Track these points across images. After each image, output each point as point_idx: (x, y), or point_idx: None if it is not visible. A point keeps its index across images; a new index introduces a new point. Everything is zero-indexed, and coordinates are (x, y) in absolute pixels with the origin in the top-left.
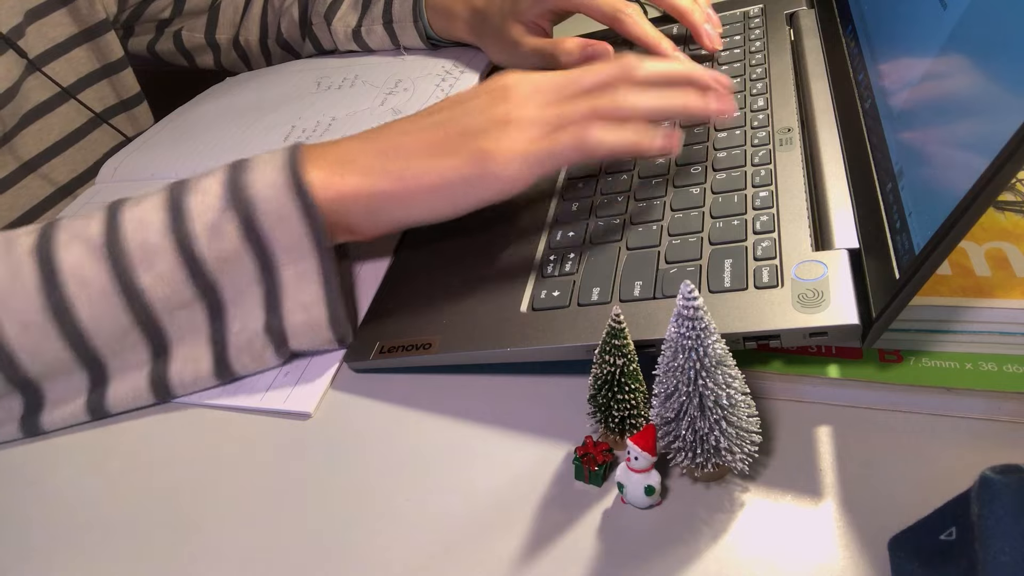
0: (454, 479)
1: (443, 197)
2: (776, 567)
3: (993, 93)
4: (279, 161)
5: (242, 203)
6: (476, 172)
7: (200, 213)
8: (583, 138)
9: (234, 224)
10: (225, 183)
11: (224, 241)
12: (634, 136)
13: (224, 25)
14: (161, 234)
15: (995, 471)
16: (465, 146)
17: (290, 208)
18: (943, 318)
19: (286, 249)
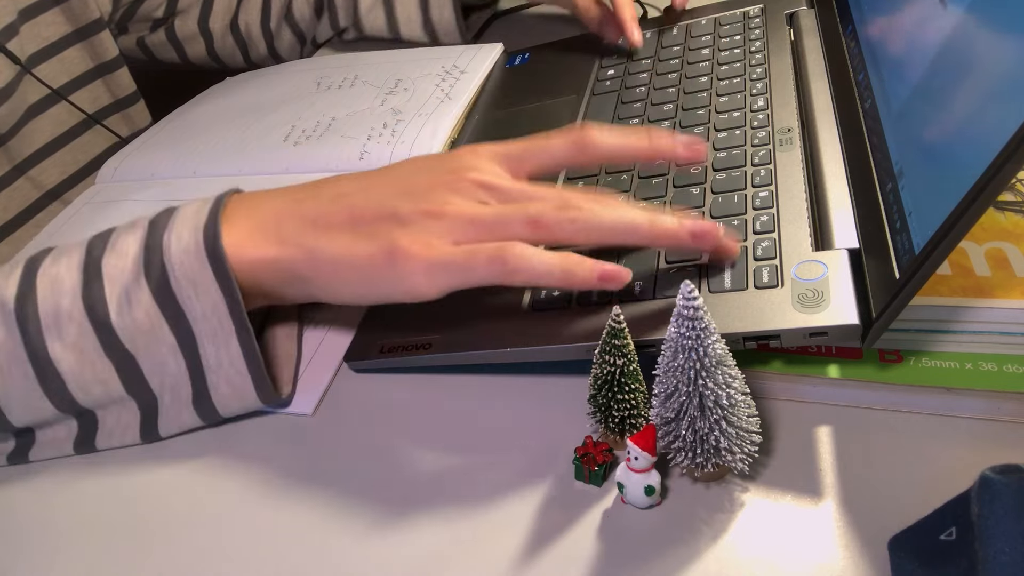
0: (454, 479)
1: (348, 284)
2: (776, 567)
3: (993, 93)
4: (200, 220)
5: (155, 268)
6: (383, 268)
7: (113, 278)
8: (501, 259)
9: (147, 292)
10: (142, 243)
11: (136, 310)
12: (561, 262)
13: (219, 12)
14: (72, 299)
15: (995, 471)
16: (385, 234)
17: (203, 274)
18: (943, 318)
19: (202, 320)
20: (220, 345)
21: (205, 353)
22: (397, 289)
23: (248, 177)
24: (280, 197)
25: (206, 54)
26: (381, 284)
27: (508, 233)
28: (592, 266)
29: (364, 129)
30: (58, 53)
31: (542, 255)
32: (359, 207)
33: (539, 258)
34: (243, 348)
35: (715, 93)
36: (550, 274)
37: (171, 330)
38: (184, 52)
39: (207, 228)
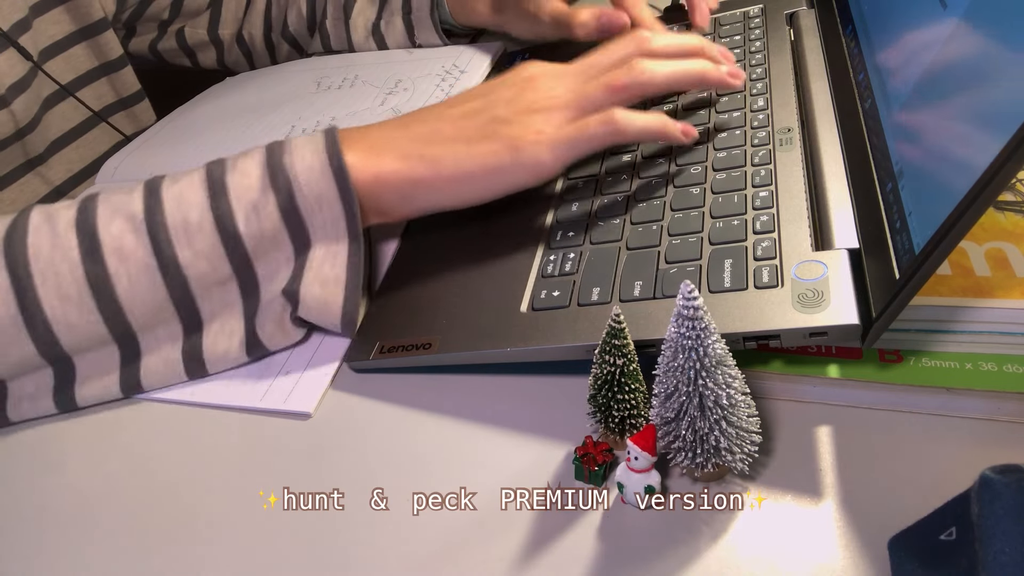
0: (454, 479)
1: (476, 184)
2: (776, 567)
3: (993, 93)
4: (318, 144)
5: (281, 184)
6: (509, 160)
7: (240, 193)
8: (610, 121)
9: (273, 205)
10: (264, 164)
11: (263, 221)
12: (658, 118)
13: (227, 20)
14: (201, 211)
15: (995, 471)
16: (497, 133)
17: (329, 191)
18: (943, 318)
19: (321, 229)
20: (330, 250)
21: (313, 255)
22: (524, 174)
23: None
24: (385, 125)
25: (216, 62)
26: (508, 174)
27: (596, 105)
28: (679, 125)
29: None
30: (64, 51)
31: (642, 116)
32: (462, 120)
33: (640, 117)
34: (349, 257)
35: (715, 93)
36: (650, 128)
37: (290, 238)
38: (196, 58)
39: (330, 148)
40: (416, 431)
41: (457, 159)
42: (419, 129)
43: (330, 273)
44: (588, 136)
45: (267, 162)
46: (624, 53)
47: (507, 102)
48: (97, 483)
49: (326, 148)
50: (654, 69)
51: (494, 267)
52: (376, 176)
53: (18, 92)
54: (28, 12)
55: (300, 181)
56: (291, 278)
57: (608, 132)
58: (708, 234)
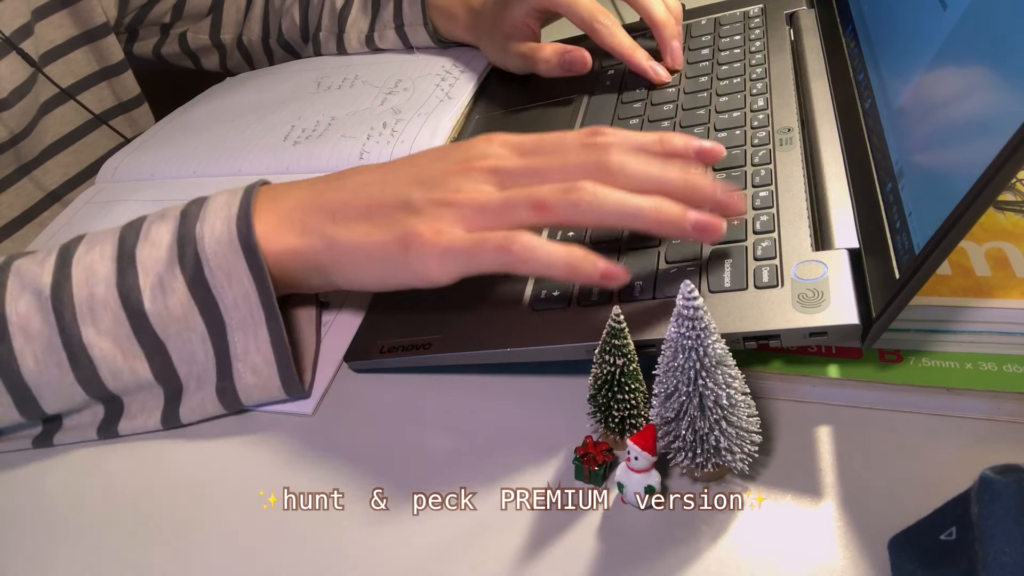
0: (454, 479)
1: (366, 270)
2: (776, 567)
3: (993, 93)
4: (232, 211)
5: (189, 258)
6: (397, 256)
7: (148, 267)
8: (507, 248)
9: (181, 280)
10: (175, 233)
11: (170, 298)
12: (566, 255)
13: (228, 25)
14: (107, 287)
15: (995, 471)
16: (400, 223)
17: (239, 266)
18: (943, 318)
19: (233, 308)
20: (249, 334)
21: (233, 341)
22: (410, 275)
23: (248, 177)
24: (304, 188)
25: (218, 66)
26: (396, 270)
27: (515, 217)
28: (595, 262)
29: (364, 128)
30: (64, 55)
31: (548, 247)
32: (376, 197)
33: (544, 249)
34: (271, 336)
35: (715, 93)
36: (554, 266)
37: (202, 318)
38: (199, 61)
39: (240, 220)
40: (416, 431)
41: (351, 242)
42: (336, 198)
43: (257, 357)
44: (479, 257)
45: (179, 231)
46: (579, 163)
47: (431, 186)
48: (97, 483)
49: (237, 218)
50: (595, 197)
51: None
52: (280, 250)
53: (19, 97)
54: (30, 17)
55: (208, 254)
56: (219, 374)
57: (502, 261)
58: None
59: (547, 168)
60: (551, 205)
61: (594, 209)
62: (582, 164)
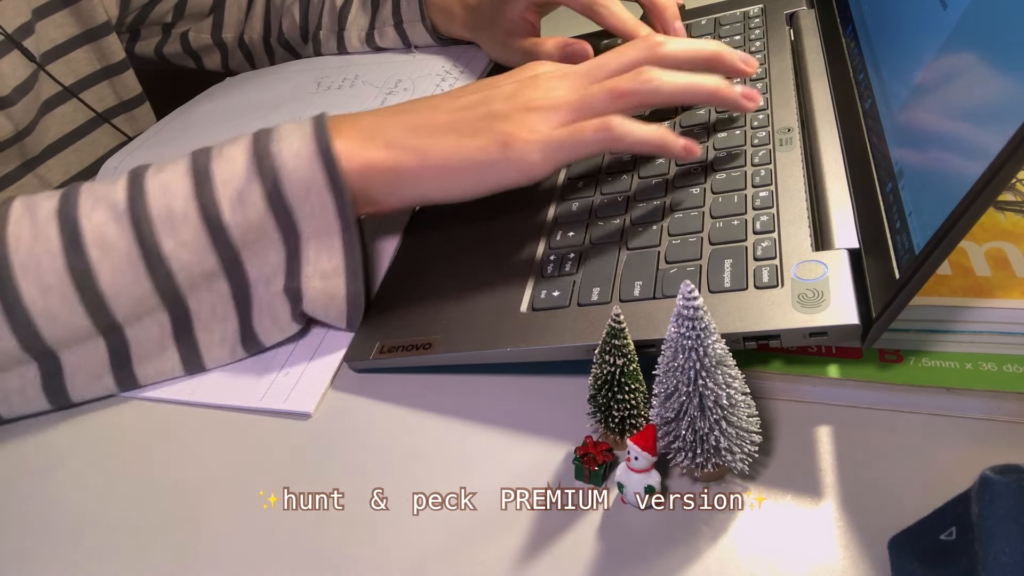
0: (454, 479)
1: (463, 178)
2: (776, 567)
3: (993, 93)
4: (306, 130)
5: (268, 172)
6: (498, 156)
7: (225, 181)
8: (606, 127)
9: (259, 193)
10: (250, 151)
11: (249, 209)
12: (658, 131)
13: (230, 24)
14: (185, 200)
15: (995, 471)
16: (490, 129)
17: (317, 178)
18: (943, 318)
19: (310, 218)
20: (323, 243)
21: (306, 249)
22: (512, 172)
23: None
24: (377, 113)
25: (220, 65)
26: (496, 171)
27: (596, 109)
28: (680, 140)
29: None
30: (66, 54)
31: (641, 126)
32: (457, 112)
33: (639, 128)
34: (344, 246)
35: None
36: (648, 140)
37: (278, 228)
38: (201, 61)
39: (318, 135)
40: (416, 431)
41: (446, 151)
42: (411, 118)
43: (328, 265)
44: (582, 141)
45: (254, 149)
46: (634, 57)
47: (506, 97)
48: (97, 482)
49: (314, 135)
50: (661, 79)
51: (494, 267)
52: (364, 165)
53: (22, 94)
54: (31, 15)
55: (288, 168)
56: (287, 274)
57: (603, 139)
58: (708, 234)
59: (609, 65)
60: (627, 90)
61: (665, 89)
62: (638, 57)
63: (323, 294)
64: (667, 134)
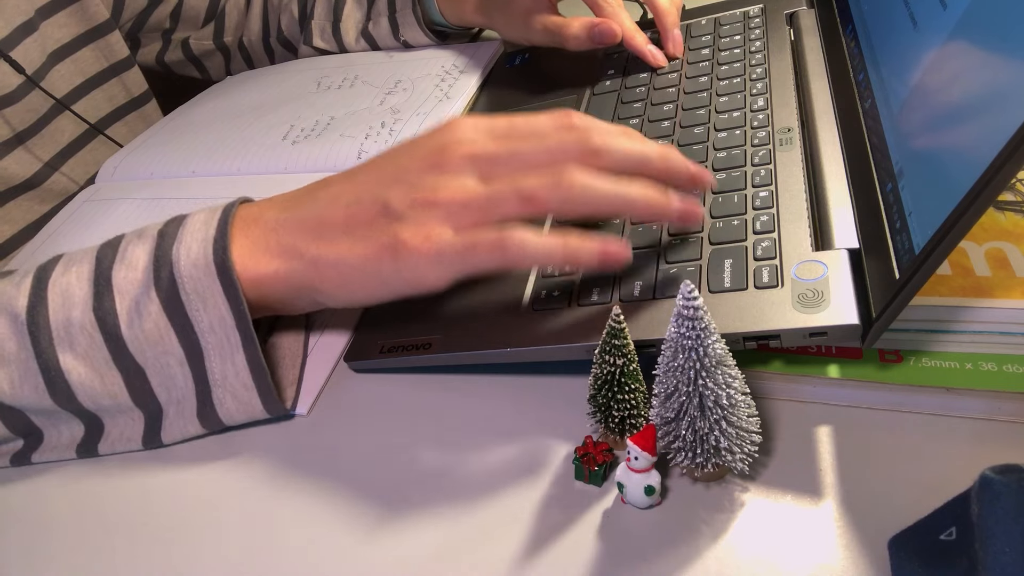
0: (453, 479)
1: (355, 285)
2: (776, 567)
3: (993, 93)
4: (208, 234)
5: (164, 281)
6: (388, 267)
7: (125, 291)
8: (501, 247)
9: (157, 303)
10: (152, 255)
11: (147, 321)
12: (561, 243)
13: (230, 28)
14: (84, 310)
15: (995, 471)
16: (383, 232)
17: (212, 288)
18: (943, 318)
19: (209, 330)
20: (226, 359)
21: (211, 367)
22: (403, 284)
23: (247, 176)
24: (279, 207)
25: (223, 70)
26: (387, 281)
27: (503, 211)
28: (592, 247)
29: (362, 128)
30: (72, 53)
31: (542, 240)
32: (352, 207)
33: (539, 243)
34: (249, 362)
35: (715, 93)
36: (551, 257)
37: (179, 342)
38: (203, 67)
39: (216, 242)
40: (415, 431)
41: (336, 259)
42: (309, 216)
43: (236, 383)
44: (473, 259)
45: (155, 253)
46: (561, 147)
47: (408, 186)
48: (95, 482)
49: (214, 240)
50: (583, 188)
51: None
52: (259, 276)
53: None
54: (34, 15)
55: (184, 276)
56: (198, 400)
57: (497, 260)
58: (708, 234)
59: (527, 152)
60: (541, 198)
61: (586, 200)
62: (564, 146)
63: (239, 412)
64: (574, 245)
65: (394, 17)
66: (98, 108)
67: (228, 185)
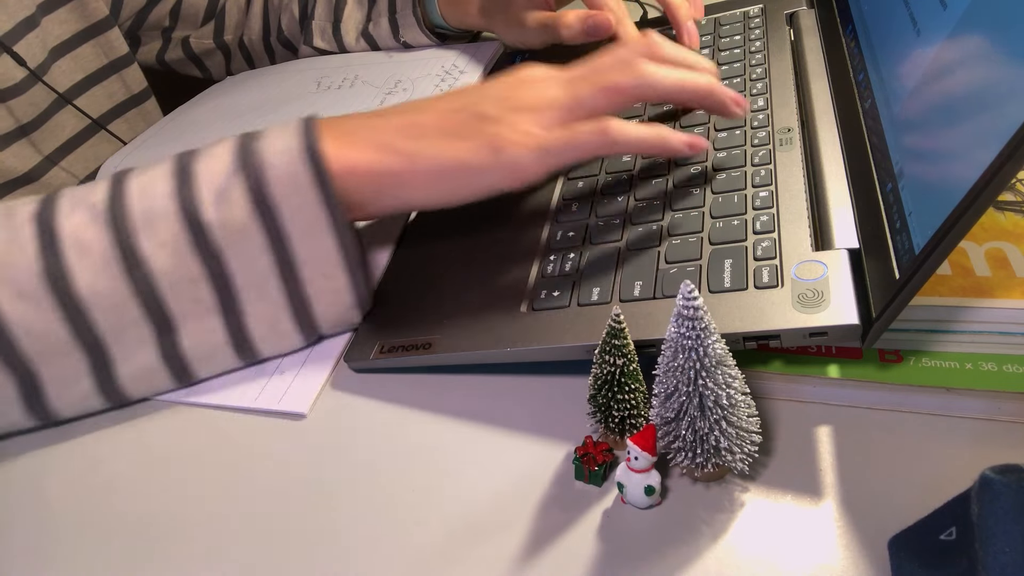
0: (453, 479)
1: (452, 182)
2: (776, 567)
3: (993, 93)
4: (293, 128)
5: (251, 168)
6: (489, 159)
7: (208, 179)
8: (602, 131)
9: (242, 189)
10: (235, 148)
11: (232, 207)
12: (656, 131)
13: (230, 26)
14: (166, 199)
15: (995, 471)
16: (480, 131)
17: (301, 174)
18: (943, 318)
19: (297, 217)
20: (313, 241)
21: (296, 249)
22: (503, 177)
23: None
24: (365, 115)
25: (224, 69)
26: (486, 176)
27: (592, 106)
28: (681, 135)
29: None
30: (73, 50)
31: (637, 127)
32: (447, 114)
33: (636, 128)
34: (338, 241)
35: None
36: (646, 140)
37: (263, 227)
38: (204, 66)
39: (306, 132)
40: (415, 431)
41: (434, 154)
42: (400, 120)
43: (325, 264)
44: (576, 145)
45: (239, 146)
46: (629, 54)
47: (497, 99)
48: (93, 485)
49: (301, 133)
50: (656, 74)
51: (494, 267)
52: (350, 166)
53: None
54: (35, 10)
55: (272, 164)
56: (283, 279)
57: (599, 144)
58: (708, 234)
59: (600, 63)
60: (622, 87)
61: (662, 84)
62: (629, 51)
63: (328, 292)
64: (666, 132)
65: (394, 18)
66: (98, 104)
67: None
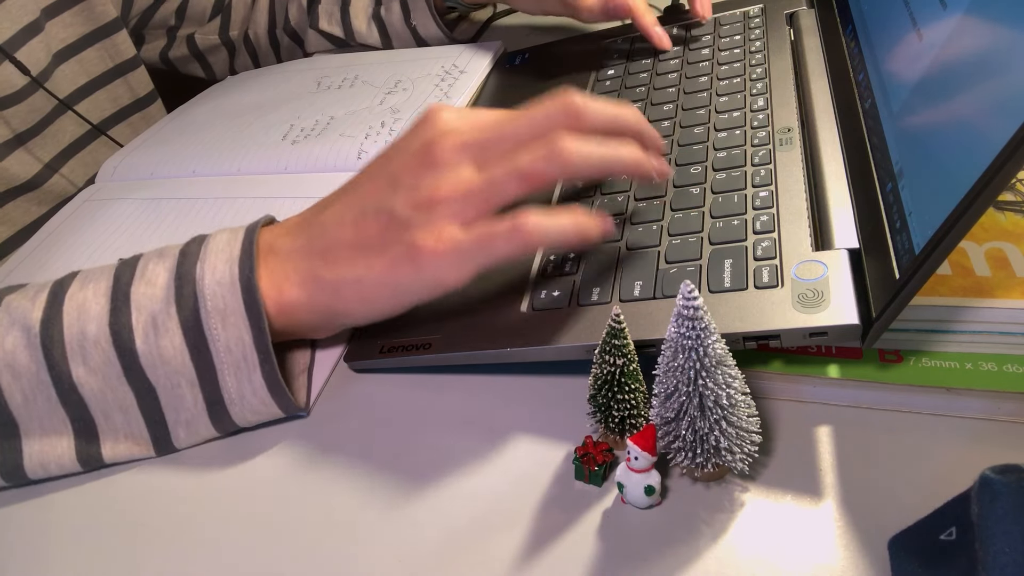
0: (453, 479)
1: (382, 302)
2: (776, 567)
3: (993, 93)
4: (232, 254)
5: (187, 298)
6: (409, 275)
7: (143, 306)
8: (519, 229)
9: (176, 320)
10: (173, 273)
11: (163, 338)
12: (573, 221)
13: (236, 21)
14: (99, 325)
15: (995, 471)
16: (397, 240)
17: (235, 307)
18: (943, 318)
19: (226, 350)
20: (243, 379)
21: (226, 386)
22: (425, 288)
23: (247, 176)
24: (291, 235)
25: (227, 67)
26: (409, 289)
27: (507, 194)
28: (598, 225)
29: (362, 128)
30: (78, 53)
31: (555, 222)
32: (359, 222)
33: (553, 223)
34: (267, 380)
35: (715, 93)
36: (565, 236)
37: (192, 362)
38: (208, 64)
39: (242, 263)
40: (414, 431)
41: (356, 278)
42: (321, 243)
43: (255, 401)
44: (491, 252)
45: (177, 270)
46: (548, 124)
47: (408, 190)
48: (92, 484)
49: (240, 261)
50: (578, 154)
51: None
52: (286, 305)
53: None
54: (40, 14)
55: (206, 294)
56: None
57: (516, 247)
58: (708, 234)
59: (513, 130)
60: (539, 171)
61: (582, 163)
62: (548, 116)
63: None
64: (585, 224)
65: (406, 2)
66: (102, 109)
67: (228, 185)
